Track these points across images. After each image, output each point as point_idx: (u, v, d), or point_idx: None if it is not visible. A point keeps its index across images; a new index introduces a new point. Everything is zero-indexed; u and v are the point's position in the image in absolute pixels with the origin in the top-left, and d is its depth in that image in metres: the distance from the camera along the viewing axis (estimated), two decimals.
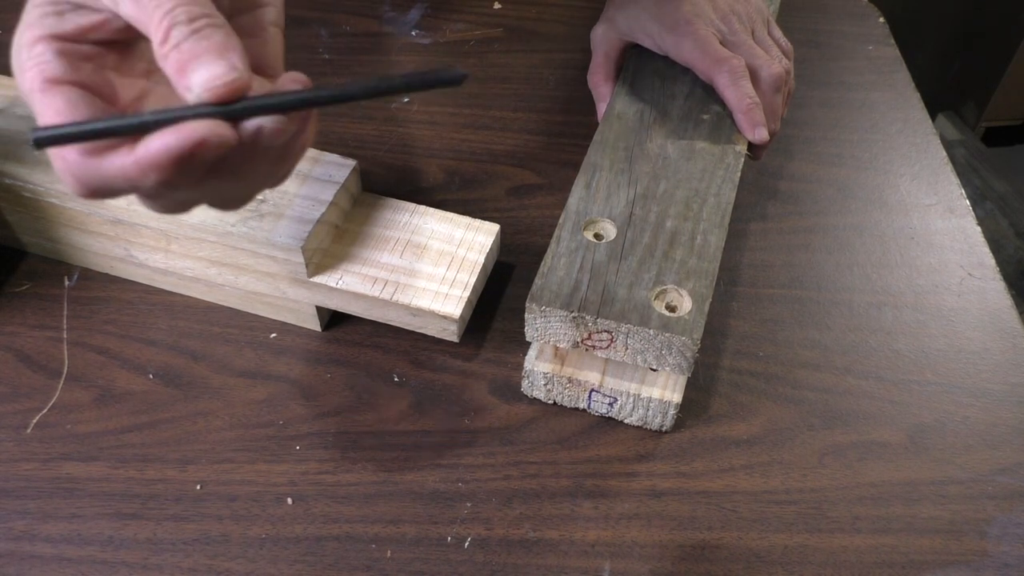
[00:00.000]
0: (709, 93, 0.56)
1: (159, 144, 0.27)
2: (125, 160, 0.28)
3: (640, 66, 0.59)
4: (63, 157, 0.28)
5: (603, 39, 0.61)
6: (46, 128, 0.26)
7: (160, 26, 0.28)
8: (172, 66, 0.28)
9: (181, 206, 0.32)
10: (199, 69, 0.27)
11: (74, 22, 0.30)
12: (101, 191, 0.29)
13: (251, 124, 0.29)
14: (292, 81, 0.30)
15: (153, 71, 0.32)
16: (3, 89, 0.55)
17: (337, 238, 0.50)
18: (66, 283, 0.54)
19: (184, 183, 0.29)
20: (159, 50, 0.28)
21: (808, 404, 0.50)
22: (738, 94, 0.53)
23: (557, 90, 0.70)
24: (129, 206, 0.48)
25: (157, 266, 0.52)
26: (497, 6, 0.78)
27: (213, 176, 0.30)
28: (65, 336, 0.51)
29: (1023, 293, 1.35)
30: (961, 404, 0.50)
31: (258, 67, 0.32)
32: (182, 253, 0.50)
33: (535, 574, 0.43)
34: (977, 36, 1.65)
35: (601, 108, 0.60)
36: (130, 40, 0.31)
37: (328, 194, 0.48)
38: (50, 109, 0.29)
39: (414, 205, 0.52)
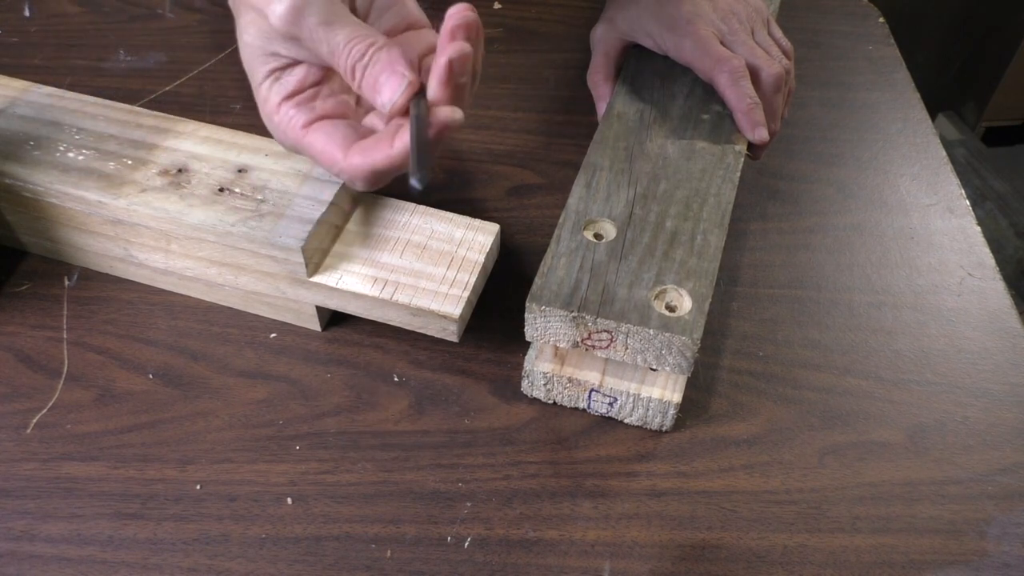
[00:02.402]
0: (709, 93, 0.56)
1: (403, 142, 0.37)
2: (390, 152, 0.37)
3: (640, 66, 0.59)
4: (355, 165, 0.38)
5: (603, 39, 0.61)
6: (418, 175, 0.36)
7: (346, 67, 0.37)
8: (366, 93, 0.37)
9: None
10: (382, 90, 0.37)
11: (290, 81, 0.39)
12: (381, 178, 0.40)
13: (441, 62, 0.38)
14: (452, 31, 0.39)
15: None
16: (3, 89, 0.55)
17: (337, 238, 0.50)
18: (66, 283, 0.54)
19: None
20: (352, 84, 0.37)
21: (808, 404, 0.50)
22: (738, 94, 0.53)
23: (557, 90, 0.70)
24: (129, 206, 0.48)
25: (157, 266, 0.52)
26: (497, 6, 0.78)
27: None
28: (65, 336, 0.51)
29: (1023, 293, 1.35)
30: (961, 404, 0.50)
31: (412, 25, 0.43)
32: (182, 253, 0.50)
33: (535, 574, 0.43)
34: (977, 36, 1.65)
35: (601, 108, 0.60)
36: (329, 72, 0.40)
37: (328, 194, 0.48)
38: (317, 143, 0.38)
39: (414, 205, 0.52)
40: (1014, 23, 1.56)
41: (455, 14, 0.39)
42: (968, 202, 0.62)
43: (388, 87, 0.37)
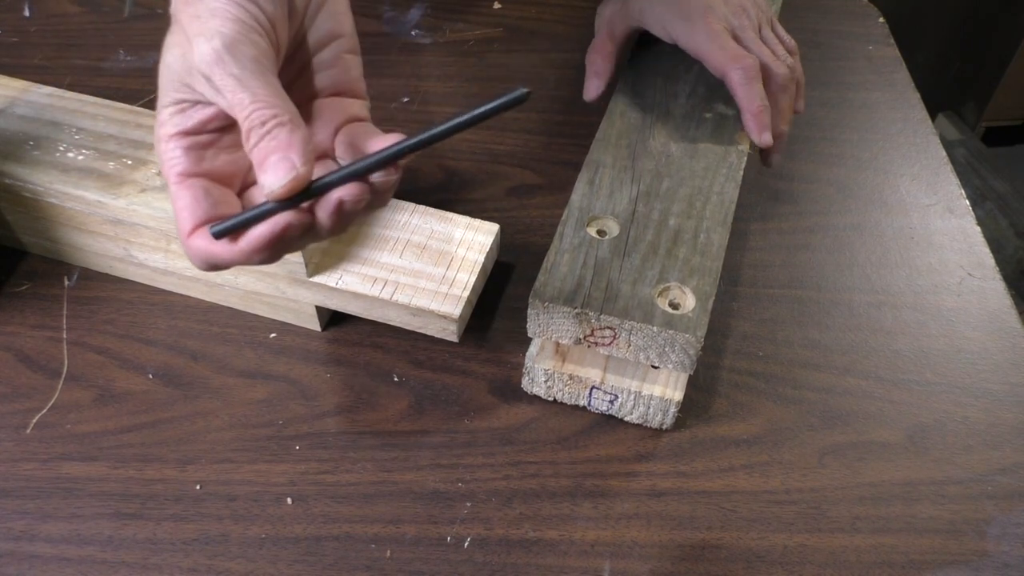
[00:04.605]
0: (712, 92, 0.56)
1: (254, 237, 0.34)
2: (232, 248, 0.35)
3: (643, 65, 0.59)
4: (195, 247, 0.36)
5: (611, 20, 0.59)
6: (217, 223, 0.35)
7: (243, 127, 0.34)
8: (254, 162, 0.34)
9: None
10: (268, 170, 0.33)
11: (195, 117, 0.36)
12: (218, 268, 0.37)
13: (332, 199, 0.34)
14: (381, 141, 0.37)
15: None
16: (3, 89, 0.55)
17: (337, 238, 0.50)
18: (66, 283, 0.54)
19: (280, 254, 0.36)
20: (245, 145, 0.34)
21: (808, 404, 0.50)
22: (750, 95, 0.52)
23: (557, 90, 0.70)
24: (129, 206, 0.48)
25: (157, 266, 0.52)
26: (497, 6, 0.78)
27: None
28: (65, 336, 0.51)
29: (1023, 293, 1.35)
30: (961, 404, 0.50)
31: (344, 91, 0.39)
32: (182, 253, 0.50)
33: (535, 574, 0.43)
34: (977, 36, 1.65)
35: (592, 83, 0.59)
36: (234, 125, 0.37)
37: None
38: (179, 201, 0.36)
39: (414, 205, 0.52)
40: (1014, 23, 1.56)
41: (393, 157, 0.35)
42: (968, 202, 0.62)
43: (274, 171, 0.34)
